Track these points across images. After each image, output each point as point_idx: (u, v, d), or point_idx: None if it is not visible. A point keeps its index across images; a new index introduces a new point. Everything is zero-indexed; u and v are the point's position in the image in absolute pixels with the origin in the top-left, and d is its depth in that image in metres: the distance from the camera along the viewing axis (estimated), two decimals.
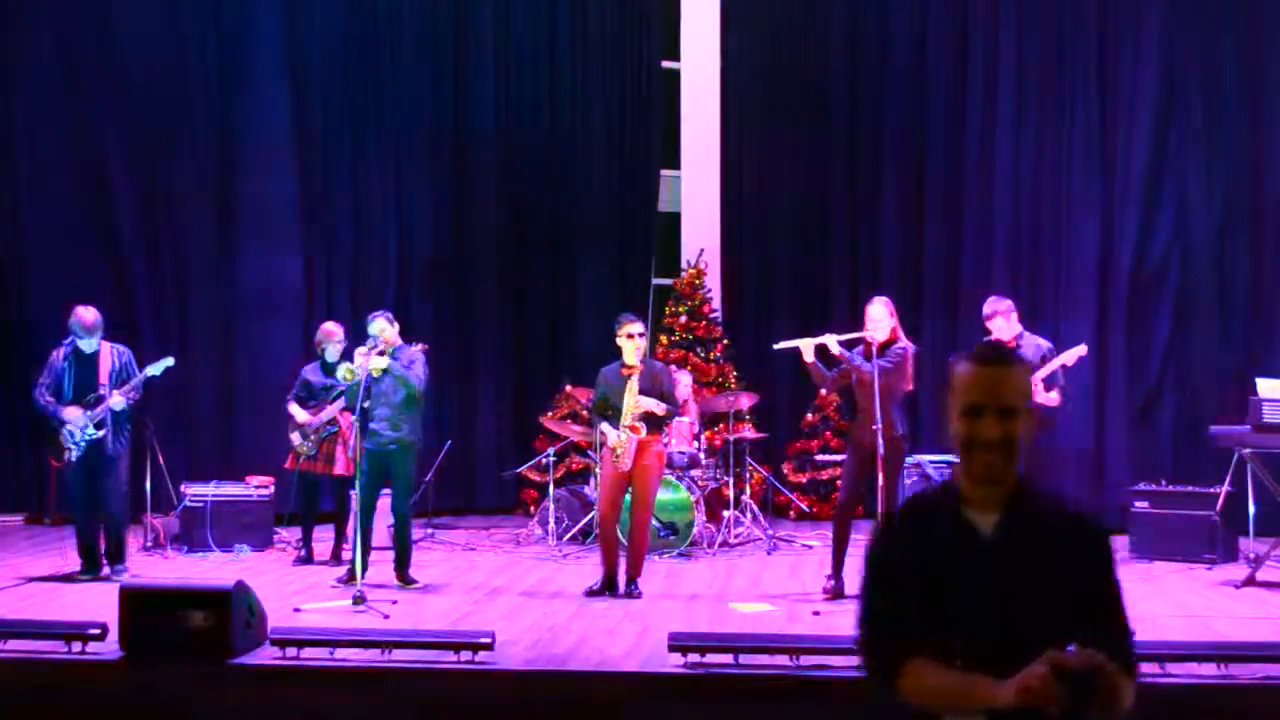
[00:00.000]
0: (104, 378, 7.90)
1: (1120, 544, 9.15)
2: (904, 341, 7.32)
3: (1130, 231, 10.63)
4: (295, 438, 8.78)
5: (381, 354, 7.65)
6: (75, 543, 8.05)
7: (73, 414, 7.83)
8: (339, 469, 8.69)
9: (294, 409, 8.79)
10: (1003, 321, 7.85)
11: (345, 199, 11.50)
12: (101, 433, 7.86)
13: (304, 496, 8.99)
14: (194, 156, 11.15)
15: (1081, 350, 7.80)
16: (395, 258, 11.55)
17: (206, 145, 11.19)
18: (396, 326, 7.89)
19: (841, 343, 7.30)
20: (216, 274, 11.22)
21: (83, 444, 7.83)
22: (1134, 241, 10.62)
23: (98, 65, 11.00)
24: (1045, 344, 7.93)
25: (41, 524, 10.77)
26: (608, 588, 7.49)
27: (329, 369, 8.82)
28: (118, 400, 7.86)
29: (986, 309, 7.93)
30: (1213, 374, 10.32)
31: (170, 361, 8.07)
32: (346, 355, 8.80)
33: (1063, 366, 7.75)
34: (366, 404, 7.74)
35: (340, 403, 8.58)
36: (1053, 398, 7.70)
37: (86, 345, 7.95)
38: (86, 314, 7.96)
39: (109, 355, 7.98)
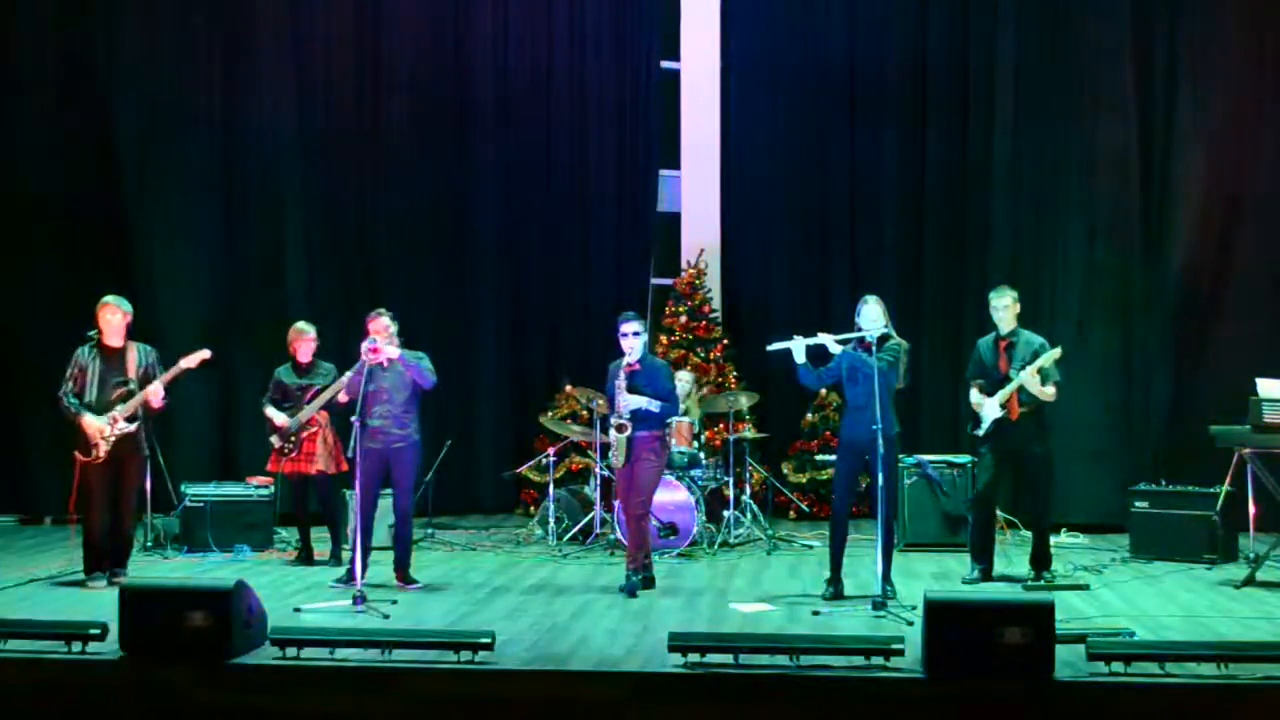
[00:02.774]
0: (131, 372, 7.84)
1: (1120, 544, 9.17)
2: (897, 339, 7.34)
3: (1130, 232, 10.63)
4: (275, 440, 8.75)
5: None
6: (83, 542, 7.95)
7: (91, 422, 7.74)
8: (319, 465, 8.66)
9: (270, 411, 8.75)
10: (1007, 310, 7.81)
11: (345, 199, 11.50)
12: (134, 426, 7.80)
13: (294, 497, 8.98)
14: (196, 156, 11.15)
15: (1056, 353, 7.67)
16: (395, 258, 11.55)
17: (209, 145, 11.19)
18: (396, 325, 7.86)
19: (838, 341, 7.31)
20: (218, 274, 11.22)
21: (112, 439, 7.73)
22: (1133, 242, 10.62)
23: (98, 61, 11.00)
24: (1038, 340, 7.87)
25: (41, 524, 10.80)
26: (647, 584, 7.55)
27: (300, 370, 8.79)
28: (156, 393, 7.76)
29: (993, 299, 7.88)
30: (1212, 374, 10.31)
31: (206, 354, 7.94)
32: (319, 355, 8.80)
33: (1054, 363, 7.69)
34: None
35: (319, 402, 8.55)
36: (1049, 392, 7.68)
37: (110, 337, 7.86)
38: (119, 302, 7.90)
39: (135, 353, 7.92)
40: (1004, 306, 7.85)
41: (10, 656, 5.82)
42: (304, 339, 8.77)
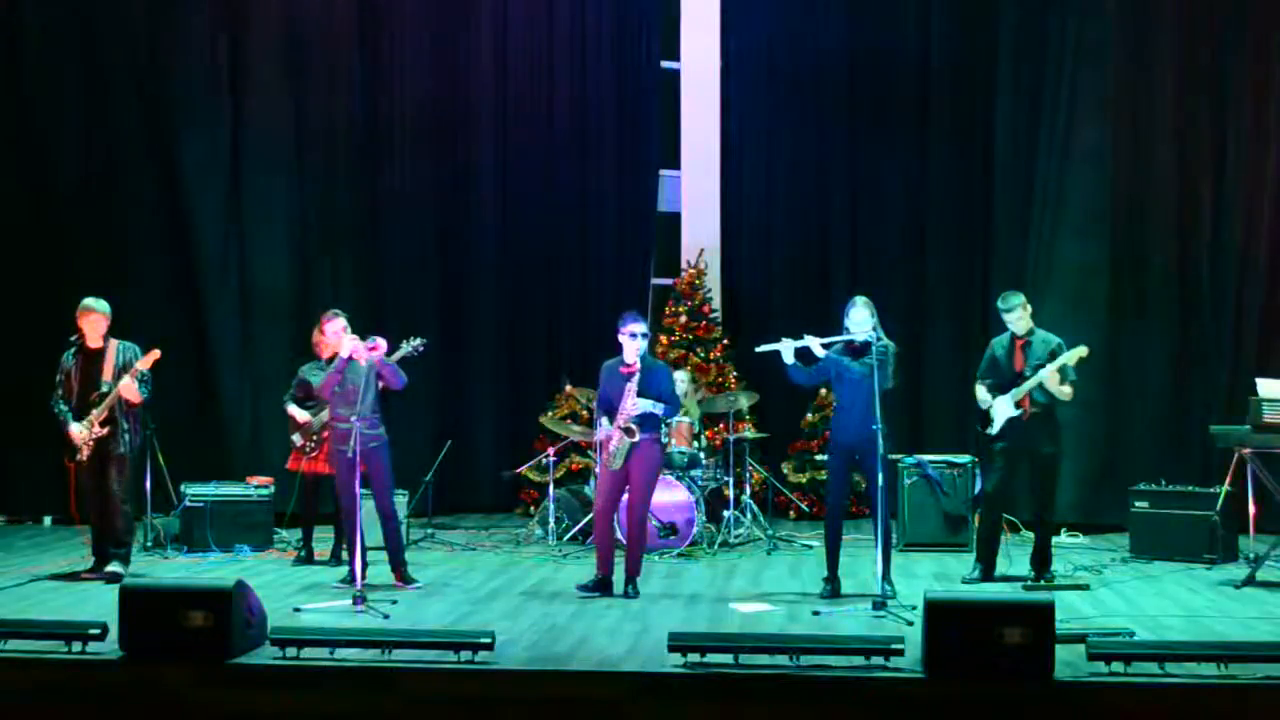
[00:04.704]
0: (108, 375, 7.88)
1: (1120, 544, 9.17)
2: (884, 341, 7.34)
3: (1131, 232, 10.61)
4: (296, 438, 8.76)
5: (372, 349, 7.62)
6: (91, 541, 8.08)
7: (75, 431, 7.84)
8: None
9: (293, 409, 8.77)
10: (1021, 313, 7.83)
11: (346, 199, 11.50)
12: (106, 430, 7.85)
13: (304, 497, 8.98)
14: (198, 156, 11.15)
15: (1082, 351, 7.73)
16: (396, 258, 11.55)
17: (210, 145, 11.19)
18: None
19: (824, 345, 7.32)
20: (219, 274, 11.22)
21: (91, 442, 7.83)
22: (1134, 241, 10.61)
23: (102, 62, 11.02)
24: (1055, 340, 7.90)
25: (40, 524, 10.79)
26: (601, 587, 7.48)
27: (325, 369, 8.78)
28: (129, 386, 7.80)
29: (1001, 304, 7.89)
30: (1212, 374, 10.30)
31: (157, 354, 7.97)
32: None
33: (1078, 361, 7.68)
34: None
35: None
36: (1066, 391, 7.67)
37: (91, 339, 7.91)
38: (96, 304, 7.94)
39: (114, 353, 7.95)
40: (1013, 311, 7.84)
41: (10, 656, 5.82)
42: (328, 338, 8.78)
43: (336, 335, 7.94)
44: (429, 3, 11.70)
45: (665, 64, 12.06)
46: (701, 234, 11.92)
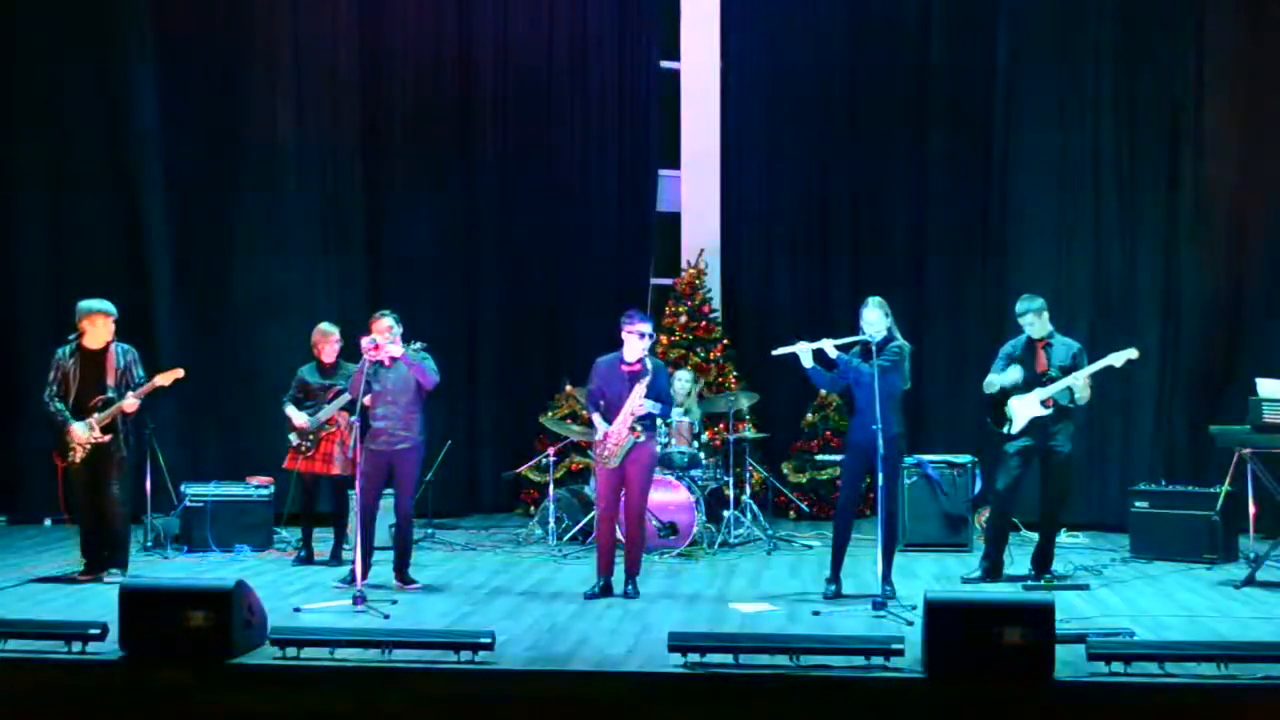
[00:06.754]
0: (111, 379, 7.85)
1: (1120, 544, 9.17)
2: (900, 340, 7.33)
3: (1128, 234, 10.61)
4: (293, 438, 8.77)
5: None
6: (80, 542, 8.03)
7: (78, 431, 7.77)
8: (337, 469, 8.67)
9: (290, 411, 8.77)
10: (1034, 319, 7.82)
11: (347, 199, 11.49)
12: (108, 437, 7.83)
13: (302, 497, 8.99)
14: (198, 155, 11.14)
15: (1132, 354, 7.68)
16: (396, 258, 11.54)
17: (211, 144, 11.18)
18: (400, 328, 7.83)
19: (838, 346, 7.31)
20: (219, 273, 11.22)
21: (89, 446, 7.80)
22: (1132, 244, 10.60)
23: (103, 60, 11.02)
24: (1075, 344, 7.90)
25: (39, 524, 10.78)
26: (604, 591, 7.47)
27: (324, 370, 8.80)
28: (131, 403, 7.81)
29: (1018, 307, 7.90)
30: (1213, 374, 10.29)
31: (180, 373, 7.97)
32: (344, 355, 8.78)
33: (1109, 368, 7.68)
34: (367, 399, 7.73)
35: (339, 402, 8.55)
36: (1087, 395, 7.65)
37: (92, 340, 7.86)
38: (105, 308, 7.90)
39: (114, 355, 7.90)
40: (1024, 316, 7.82)
41: (10, 656, 5.82)
42: (328, 340, 8.78)
43: (385, 332, 7.77)
44: (430, 2, 11.70)
45: (665, 64, 12.06)
46: (701, 234, 11.92)
